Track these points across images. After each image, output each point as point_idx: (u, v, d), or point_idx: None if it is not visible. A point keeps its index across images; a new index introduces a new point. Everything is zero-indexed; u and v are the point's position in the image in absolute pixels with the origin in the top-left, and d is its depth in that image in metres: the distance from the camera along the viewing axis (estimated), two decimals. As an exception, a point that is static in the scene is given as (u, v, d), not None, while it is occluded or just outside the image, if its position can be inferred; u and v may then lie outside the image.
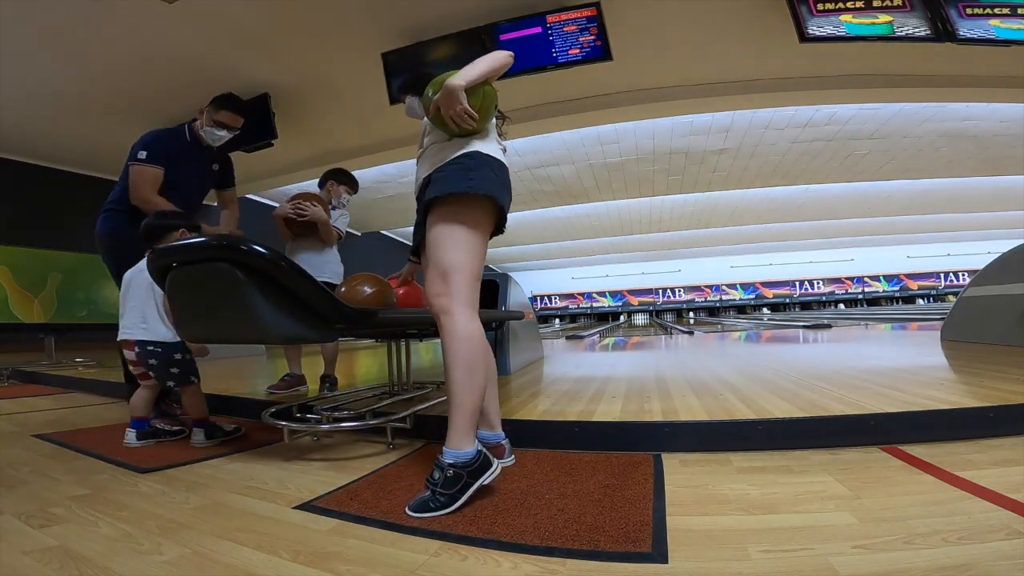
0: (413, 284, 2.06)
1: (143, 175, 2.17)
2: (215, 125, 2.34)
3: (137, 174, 2.17)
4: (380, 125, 5.81)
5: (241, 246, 1.37)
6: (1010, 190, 10.59)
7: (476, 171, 1.33)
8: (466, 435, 1.20)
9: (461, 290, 1.27)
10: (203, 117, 2.34)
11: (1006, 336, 3.14)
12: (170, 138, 2.29)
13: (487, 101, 1.36)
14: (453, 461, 1.16)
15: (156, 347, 1.82)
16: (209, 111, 2.34)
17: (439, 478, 1.15)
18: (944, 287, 19.91)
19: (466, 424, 1.21)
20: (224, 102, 2.36)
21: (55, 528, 1.07)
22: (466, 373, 1.22)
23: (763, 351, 4.21)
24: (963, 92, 5.22)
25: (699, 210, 11.93)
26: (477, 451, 1.20)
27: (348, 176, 2.98)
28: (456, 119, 1.28)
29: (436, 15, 3.99)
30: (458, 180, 1.32)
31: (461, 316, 1.25)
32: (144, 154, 2.17)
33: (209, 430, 1.86)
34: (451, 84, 1.25)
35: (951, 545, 0.85)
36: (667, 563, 0.85)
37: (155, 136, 2.26)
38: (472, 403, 1.22)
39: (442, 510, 1.10)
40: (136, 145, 2.22)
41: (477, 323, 1.28)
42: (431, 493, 1.14)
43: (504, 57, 1.36)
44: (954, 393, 1.75)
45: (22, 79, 4.44)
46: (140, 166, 2.17)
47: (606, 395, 2.12)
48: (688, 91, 5.19)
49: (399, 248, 13.45)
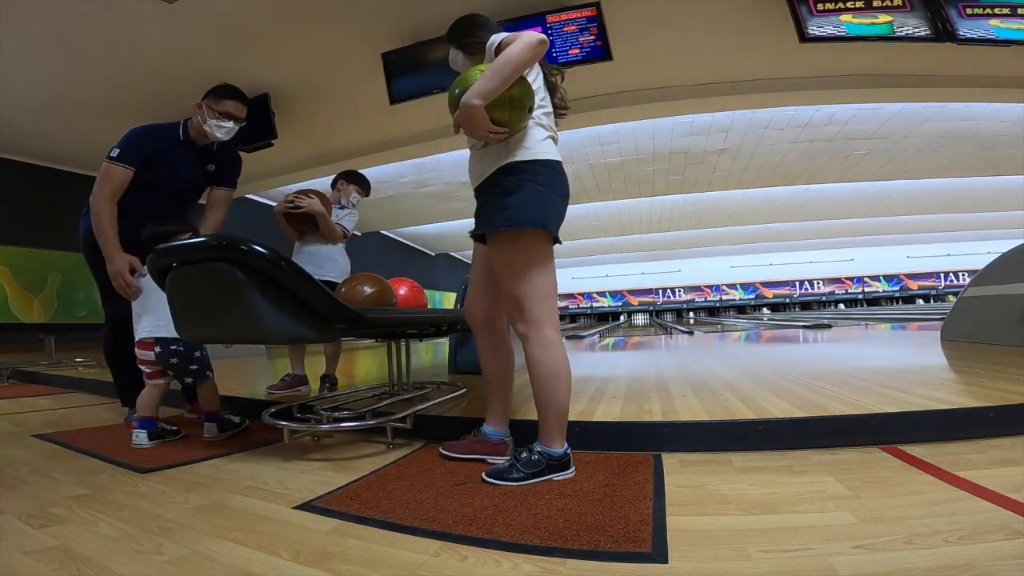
0: (413, 284, 2.07)
1: (108, 175, 2.01)
2: (220, 116, 2.16)
3: (103, 172, 2.02)
4: (380, 125, 5.81)
5: (241, 246, 1.37)
6: (1010, 190, 10.59)
7: (514, 195, 1.27)
8: (558, 435, 1.32)
9: (534, 314, 1.32)
10: (203, 111, 2.16)
11: (1006, 336, 3.13)
12: (155, 137, 2.15)
13: (516, 105, 1.19)
14: (542, 451, 1.29)
15: (179, 345, 1.84)
16: (210, 103, 2.17)
17: (525, 458, 1.29)
18: (944, 287, 19.92)
19: (558, 425, 1.32)
20: (224, 92, 2.19)
21: (55, 528, 1.07)
22: (549, 380, 1.31)
23: (763, 351, 4.21)
24: (963, 92, 5.22)
25: (699, 210, 11.93)
26: (564, 452, 1.31)
27: (359, 177, 2.96)
28: (483, 139, 1.23)
29: (436, 15, 3.98)
30: (496, 215, 1.29)
31: (536, 337, 1.32)
32: (116, 152, 2.03)
33: (221, 423, 1.93)
34: (467, 103, 1.15)
35: (951, 545, 0.85)
36: (667, 563, 0.85)
37: (137, 134, 2.12)
38: (559, 405, 1.31)
39: (512, 482, 1.24)
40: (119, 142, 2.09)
41: (553, 338, 1.33)
42: (512, 466, 1.27)
43: (530, 48, 1.17)
44: (954, 393, 1.75)
45: (22, 79, 4.44)
46: (109, 164, 2.02)
47: (606, 395, 2.12)
48: (688, 91, 5.19)
49: (399, 248, 13.46)
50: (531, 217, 1.26)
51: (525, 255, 1.29)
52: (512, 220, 1.24)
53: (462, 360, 3.12)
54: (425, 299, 2.32)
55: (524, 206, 1.25)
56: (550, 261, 1.35)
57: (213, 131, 2.16)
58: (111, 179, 2.01)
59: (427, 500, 1.18)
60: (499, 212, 1.27)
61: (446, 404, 2.01)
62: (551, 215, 1.30)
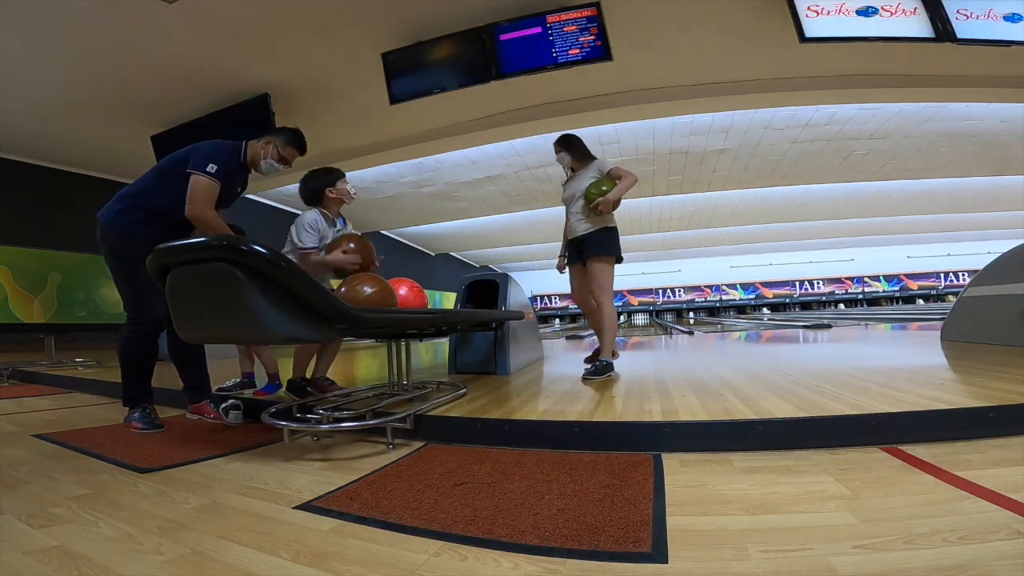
0: (413, 284, 2.07)
1: (208, 190, 2.02)
2: (279, 159, 2.23)
3: (202, 187, 2.02)
4: (380, 125, 5.81)
5: (241, 246, 1.37)
6: (1010, 190, 10.60)
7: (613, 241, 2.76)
8: (611, 351, 2.76)
9: (606, 292, 2.77)
10: (268, 147, 2.21)
11: (1006, 336, 3.13)
12: (232, 155, 2.17)
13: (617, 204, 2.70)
14: (606, 361, 2.69)
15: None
16: (279, 144, 2.22)
17: (597, 366, 2.65)
18: (944, 287, 19.93)
19: (611, 346, 2.76)
20: (294, 139, 2.27)
21: (55, 528, 1.07)
22: (611, 322, 2.78)
23: (763, 351, 4.21)
24: (963, 92, 5.23)
25: (699, 210, 11.94)
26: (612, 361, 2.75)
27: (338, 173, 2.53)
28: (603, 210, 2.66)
29: (436, 15, 3.99)
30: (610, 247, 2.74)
31: (608, 303, 2.78)
32: (214, 168, 2.03)
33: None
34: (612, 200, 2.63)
35: (951, 545, 0.84)
36: (667, 563, 0.85)
37: (222, 149, 2.13)
38: (612, 337, 2.79)
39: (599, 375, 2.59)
40: (201, 152, 2.07)
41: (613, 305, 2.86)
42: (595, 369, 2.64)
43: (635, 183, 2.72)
44: (954, 393, 1.74)
45: (22, 80, 4.44)
46: (207, 179, 2.02)
47: (606, 395, 2.12)
48: (688, 91, 5.19)
49: (399, 248, 13.46)
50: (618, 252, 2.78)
51: (609, 264, 2.76)
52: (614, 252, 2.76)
53: (462, 360, 3.12)
54: (425, 299, 2.31)
55: (617, 246, 2.77)
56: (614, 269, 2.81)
57: (266, 168, 2.25)
58: (209, 193, 2.03)
59: (427, 500, 1.18)
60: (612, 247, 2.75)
61: (446, 404, 2.01)
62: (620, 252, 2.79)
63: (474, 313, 2.82)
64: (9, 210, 5.90)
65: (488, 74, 4.14)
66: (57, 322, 4.81)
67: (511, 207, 9.94)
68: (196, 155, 2.06)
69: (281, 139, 2.24)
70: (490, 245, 14.99)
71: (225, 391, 2.55)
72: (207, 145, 2.13)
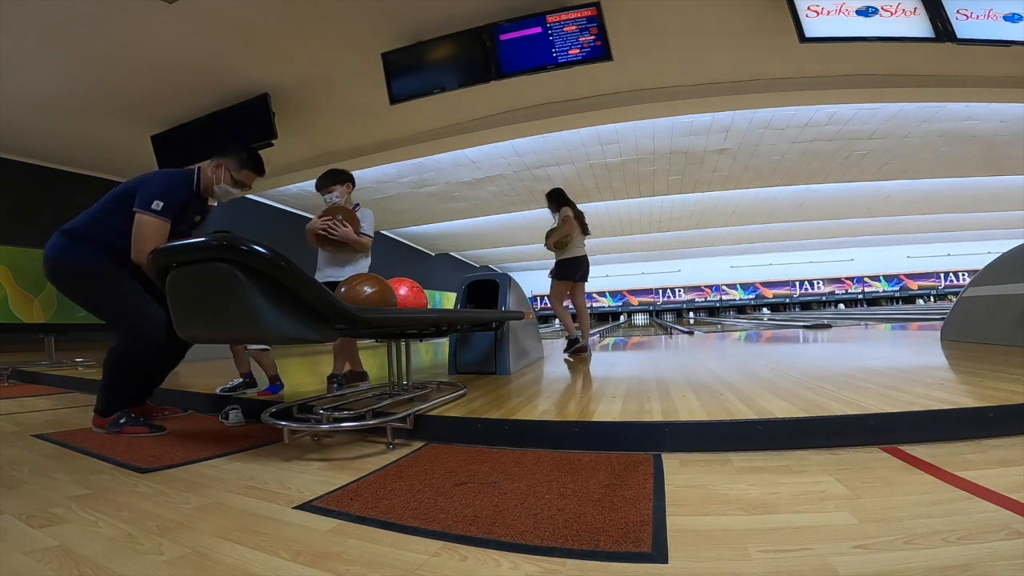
0: (413, 284, 2.07)
1: (156, 230, 1.87)
2: (234, 184, 2.06)
3: (148, 227, 1.86)
4: (380, 125, 5.81)
5: (241, 246, 1.37)
6: (1010, 190, 10.59)
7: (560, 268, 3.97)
8: (587, 336, 4.04)
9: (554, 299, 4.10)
10: (219, 171, 2.04)
11: (1006, 336, 3.13)
12: (184, 186, 2.01)
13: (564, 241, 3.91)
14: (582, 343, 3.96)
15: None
16: (230, 168, 2.05)
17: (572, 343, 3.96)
18: (944, 287, 19.93)
19: (586, 332, 4.05)
20: (249, 161, 2.10)
21: (55, 528, 1.07)
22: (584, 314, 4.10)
23: (763, 351, 4.21)
24: (963, 92, 5.23)
25: (699, 210, 11.94)
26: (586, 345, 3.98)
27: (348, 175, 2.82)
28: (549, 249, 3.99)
29: (436, 15, 3.99)
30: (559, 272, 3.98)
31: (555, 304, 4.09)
32: (160, 205, 1.87)
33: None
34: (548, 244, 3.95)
35: (951, 545, 0.85)
36: (667, 563, 0.85)
37: (171, 183, 1.96)
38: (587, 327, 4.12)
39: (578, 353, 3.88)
40: (147, 189, 1.91)
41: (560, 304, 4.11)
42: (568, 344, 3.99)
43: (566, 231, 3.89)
44: (954, 393, 1.74)
45: (22, 79, 4.44)
46: (154, 218, 1.87)
47: (606, 395, 2.12)
48: (688, 91, 5.19)
49: (399, 248, 13.46)
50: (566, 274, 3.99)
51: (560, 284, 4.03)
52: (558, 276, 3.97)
53: (462, 360, 3.12)
54: (425, 299, 2.31)
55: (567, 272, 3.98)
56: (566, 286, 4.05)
57: (220, 195, 2.08)
58: (158, 233, 1.88)
59: (427, 500, 1.18)
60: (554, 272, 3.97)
61: (446, 404, 2.01)
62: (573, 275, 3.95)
63: (474, 313, 2.82)
64: (9, 210, 5.90)
65: (488, 74, 4.13)
66: (57, 322, 4.81)
67: (511, 207, 9.94)
68: (143, 191, 1.92)
69: (233, 161, 2.07)
70: (490, 245, 14.99)
71: (228, 391, 2.55)
72: (156, 177, 1.99)
